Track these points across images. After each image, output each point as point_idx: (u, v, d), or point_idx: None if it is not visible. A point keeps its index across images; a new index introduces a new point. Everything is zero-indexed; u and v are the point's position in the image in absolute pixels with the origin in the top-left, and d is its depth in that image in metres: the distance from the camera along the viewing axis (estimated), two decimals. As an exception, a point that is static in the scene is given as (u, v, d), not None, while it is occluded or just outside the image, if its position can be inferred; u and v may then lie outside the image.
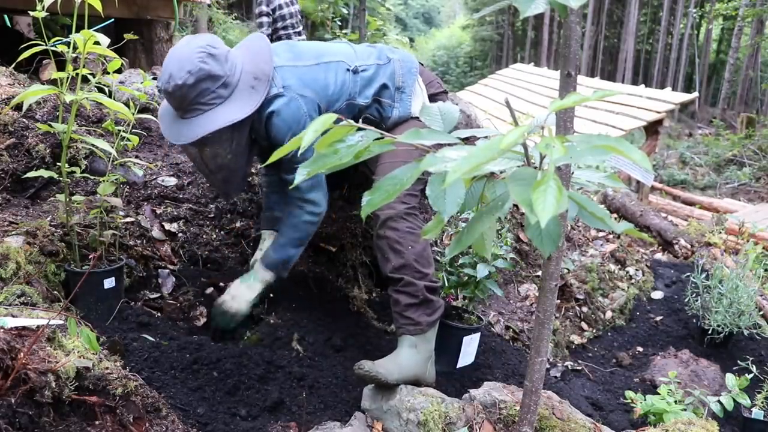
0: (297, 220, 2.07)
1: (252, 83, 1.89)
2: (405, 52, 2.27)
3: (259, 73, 1.91)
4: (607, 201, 5.02)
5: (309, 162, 0.99)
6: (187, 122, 1.86)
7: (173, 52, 1.83)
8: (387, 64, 2.15)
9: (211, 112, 1.84)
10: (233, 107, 1.86)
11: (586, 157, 0.88)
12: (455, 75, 37.97)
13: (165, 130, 1.92)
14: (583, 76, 14.25)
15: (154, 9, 4.72)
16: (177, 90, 1.80)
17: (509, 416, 1.72)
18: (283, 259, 2.10)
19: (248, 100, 1.88)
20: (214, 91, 1.83)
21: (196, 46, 1.82)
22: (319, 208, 2.08)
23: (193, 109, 1.84)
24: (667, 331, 3.29)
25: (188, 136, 1.85)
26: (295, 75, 1.97)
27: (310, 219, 2.07)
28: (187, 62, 1.79)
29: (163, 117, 1.94)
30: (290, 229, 2.08)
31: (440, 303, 2.01)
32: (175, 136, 1.88)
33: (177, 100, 1.83)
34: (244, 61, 1.93)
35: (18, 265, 1.77)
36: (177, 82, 1.78)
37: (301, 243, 2.11)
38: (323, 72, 2.02)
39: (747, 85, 25.41)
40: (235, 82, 1.87)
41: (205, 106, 1.84)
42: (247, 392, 1.78)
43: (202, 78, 1.80)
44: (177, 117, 1.89)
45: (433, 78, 2.30)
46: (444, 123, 1.13)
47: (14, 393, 1.06)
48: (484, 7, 1.50)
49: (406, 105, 2.15)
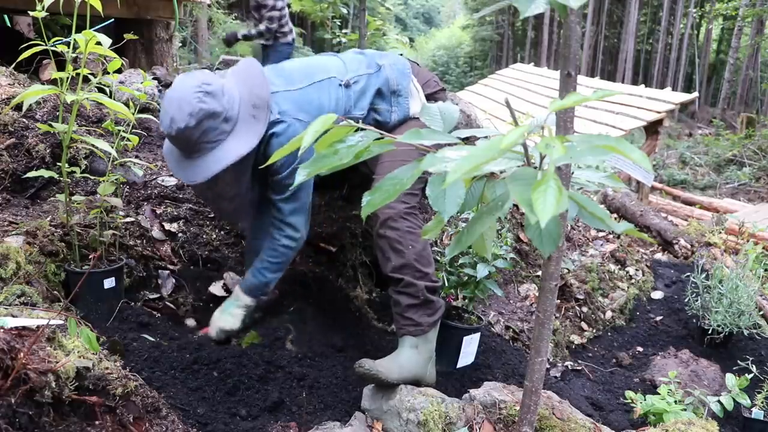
0: (275, 243, 2.07)
1: (252, 112, 1.90)
2: (395, 56, 2.26)
3: (257, 101, 1.91)
4: (607, 201, 5.02)
5: (309, 162, 0.99)
6: (196, 161, 1.86)
7: (170, 96, 1.83)
8: (378, 72, 2.14)
9: (218, 149, 1.85)
10: (238, 140, 1.86)
11: (586, 157, 0.87)
12: (455, 75, 37.96)
13: (175, 171, 1.94)
14: (583, 76, 14.25)
15: (154, 9, 4.72)
16: (180, 133, 1.80)
17: (509, 416, 1.72)
18: (262, 282, 2.10)
19: (252, 130, 1.88)
20: (217, 127, 1.84)
21: (192, 87, 1.81)
22: (298, 234, 2.07)
23: (199, 149, 1.85)
24: (667, 331, 3.29)
25: (200, 175, 1.85)
26: (290, 100, 1.97)
27: (288, 243, 2.07)
28: (186, 104, 1.79)
29: (169, 156, 1.96)
30: (268, 253, 2.09)
31: (441, 303, 2.01)
32: (187, 176, 1.89)
33: (182, 142, 1.84)
34: (240, 90, 1.92)
35: (18, 265, 1.77)
36: (179, 126, 1.79)
37: (278, 267, 2.10)
38: (316, 93, 2.02)
39: (747, 85, 25.40)
40: (235, 115, 1.88)
41: (210, 143, 1.85)
42: (247, 392, 1.78)
43: (203, 117, 1.80)
44: (183, 157, 1.90)
45: (429, 77, 2.30)
46: (444, 123, 1.13)
47: (14, 393, 1.06)
48: (484, 7, 1.50)
49: (404, 108, 2.16)
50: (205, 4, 9.22)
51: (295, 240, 2.07)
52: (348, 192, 2.64)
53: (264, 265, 2.09)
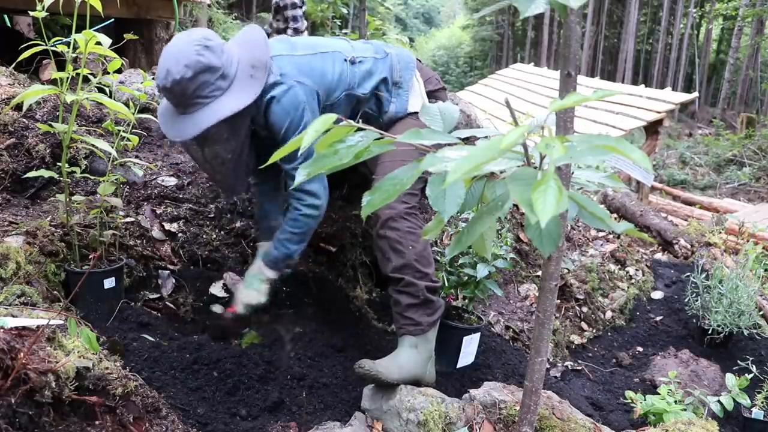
0: (296, 213, 2.02)
1: (250, 72, 1.88)
2: (401, 48, 2.27)
3: (256, 62, 1.89)
4: (607, 201, 5.02)
5: (309, 163, 0.99)
6: (189, 117, 1.83)
7: (168, 49, 1.81)
8: (384, 58, 2.15)
9: (212, 104, 1.82)
10: (234, 97, 1.84)
11: (586, 157, 0.87)
12: (455, 75, 37.96)
13: (166, 129, 1.89)
14: (583, 76, 14.25)
15: (155, 9, 4.72)
16: (176, 85, 1.77)
17: (509, 416, 1.72)
18: (285, 255, 2.06)
19: (248, 88, 1.86)
20: (213, 82, 1.81)
21: (192, 40, 1.80)
22: (318, 200, 2.02)
23: (193, 103, 1.82)
24: (667, 331, 3.28)
25: (191, 131, 1.82)
26: (292, 63, 1.96)
27: (309, 212, 2.02)
28: (183, 56, 1.77)
29: (163, 116, 1.92)
30: (289, 223, 2.04)
31: (441, 303, 2.01)
32: (178, 133, 1.86)
33: (176, 95, 1.81)
34: (240, 51, 1.92)
35: (18, 265, 1.77)
36: (175, 77, 1.76)
37: (301, 238, 2.05)
38: (320, 60, 2.02)
39: (747, 85, 25.40)
40: (233, 73, 1.86)
41: (205, 99, 1.82)
42: (247, 392, 1.78)
43: (200, 70, 1.78)
44: (177, 113, 1.86)
45: (431, 75, 2.30)
46: (444, 123, 1.13)
47: (14, 393, 1.06)
48: (484, 7, 1.50)
49: (403, 101, 2.15)
50: (205, 4, 9.22)
51: (316, 207, 2.02)
52: (348, 192, 2.64)
53: (286, 236, 2.04)
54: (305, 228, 2.04)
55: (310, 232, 2.07)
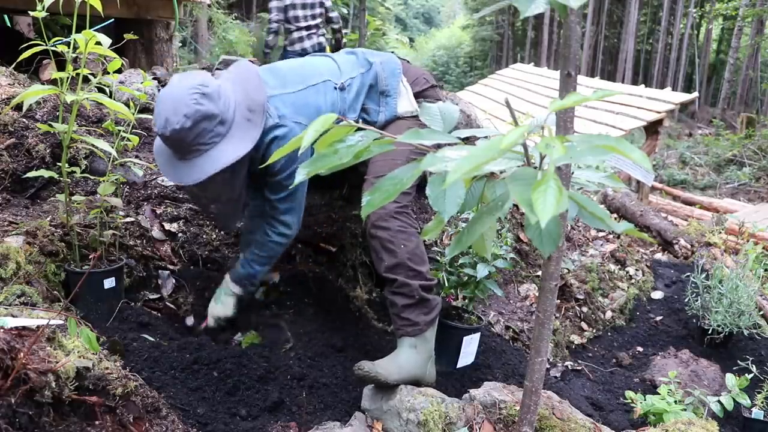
0: (266, 239, 2.09)
1: (248, 116, 1.88)
2: (386, 54, 2.26)
3: (253, 105, 1.89)
4: (607, 201, 5.02)
5: (309, 162, 0.99)
6: (188, 163, 1.84)
7: (165, 96, 1.80)
8: (369, 71, 2.15)
9: (212, 151, 1.83)
10: (233, 143, 1.85)
11: (586, 157, 0.87)
12: (455, 75, 37.97)
13: (165, 172, 1.91)
14: (583, 76, 14.25)
15: (154, 9, 4.72)
16: (175, 134, 1.78)
17: (509, 416, 1.72)
18: (249, 274, 2.13)
19: (247, 133, 1.87)
20: (212, 129, 1.82)
21: (189, 87, 1.79)
22: (289, 231, 2.09)
23: (192, 150, 1.83)
24: (667, 331, 3.29)
25: (193, 178, 1.83)
26: (287, 103, 1.97)
27: (278, 240, 2.09)
28: (181, 105, 1.76)
29: (161, 156, 1.92)
30: (258, 246, 2.11)
31: (437, 301, 2.00)
32: (179, 178, 1.86)
33: (176, 144, 1.82)
34: (235, 92, 1.91)
35: (18, 265, 1.77)
36: (175, 127, 1.76)
37: (266, 261, 2.13)
38: (313, 96, 2.03)
39: (747, 85, 25.40)
40: (231, 118, 1.86)
41: (204, 145, 1.82)
42: (247, 392, 1.77)
43: (198, 120, 1.77)
44: (176, 158, 1.87)
45: (419, 74, 2.29)
46: (444, 123, 1.13)
47: (14, 393, 1.06)
48: (484, 7, 1.50)
49: (391, 108, 2.17)
50: (205, 4, 9.22)
51: (286, 236, 2.10)
52: (348, 192, 2.64)
53: (253, 258, 2.11)
54: (271, 253, 2.12)
55: (275, 257, 2.15)
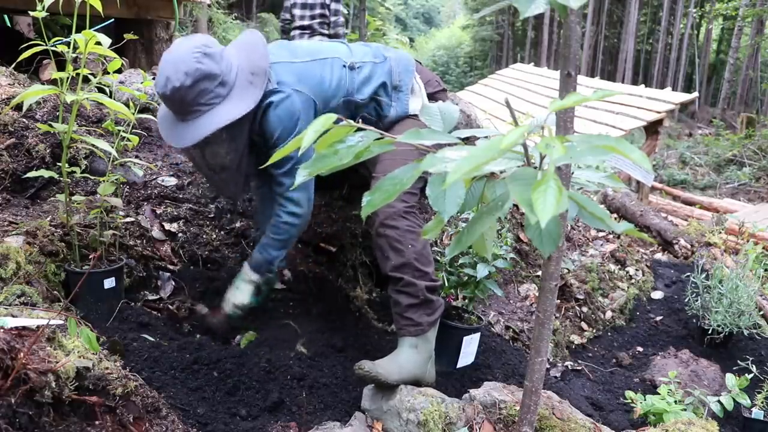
0: (277, 220, 2.05)
1: (249, 79, 1.88)
2: (401, 51, 2.26)
3: (256, 69, 1.90)
4: (607, 201, 5.02)
5: (309, 163, 0.99)
6: (189, 124, 1.84)
7: (167, 56, 1.81)
8: (383, 62, 2.14)
9: (212, 112, 1.83)
10: (233, 104, 1.85)
11: (586, 157, 0.87)
12: (455, 75, 37.97)
13: (166, 135, 1.90)
14: (583, 76, 14.25)
15: (154, 9, 4.72)
16: (175, 92, 1.78)
17: (509, 416, 1.72)
18: (266, 259, 2.08)
19: (247, 95, 1.86)
20: (213, 90, 1.82)
21: (191, 47, 1.80)
22: (300, 209, 2.03)
23: (193, 111, 1.83)
24: (667, 331, 3.29)
25: (191, 138, 1.83)
26: (290, 71, 1.96)
27: (290, 220, 2.04)
28: (182, 64, 1.77)
29: (163, 121, 1.92)
30: (271, 229, 2.07)
31: (440, 302, 2.01)
32: (178, 140, 1.87)
33: (176, 103, 1.82)
34: (239, 57, 1.92)
35: (18, 265, 1.77)
36: (175, 85, 1.77)
37: (282, 245, 2.08)
38: (319, 68, 2.02)
39: (747, 85, 25.40)
40: (232, 80, 1.86)
41: (204, 106, 1.83)
42: (247, 392, 1.77)
43: (199, 78, 1.78)
44: (177, 120, 1.87)
45: (431, 77, 2.30)
46: (444, 123, 1.13)
47: (14, 393, 1.06)
48: (484, 7, 1.50)
49: (403, 104, 2.15)
50: (205, 4, 9.22)
51: (298, 216, 2.04)
52: (348, 192, 2.64)
53: (268, 242, 2.07)
54: (285, 235, 2.06)
55: (291, 240, 2.09)
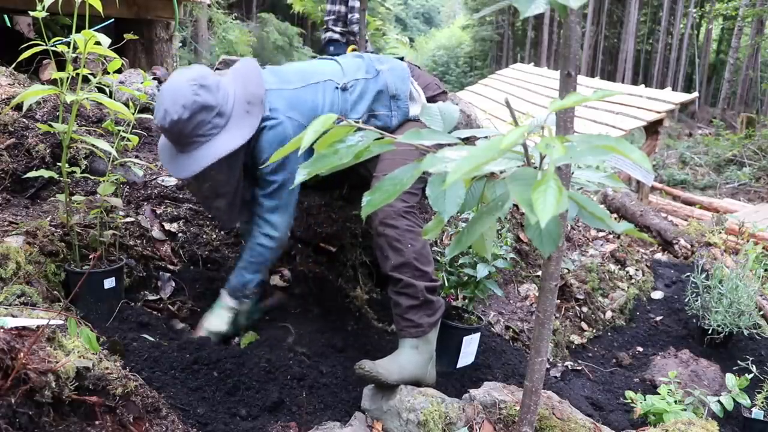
0: (253, 242, 2.04)
1: (246, 108, 1.90)
2: (394, 61, 2.25)
3: (252, 98, 1.91)
4: (607, 201, 5.02)
5: (309, 162, 0.99)
6: (188, 155, 1.87)
7: (165, 89, 1.84)
8: (376, 77, 2.13)
9: (210, 143, 1.86)
10: (231, 135, 1.87)
11: (586, 157, 0.87)
12: (455, 75, 37.95)
13: (167, 165, 1.94)
14: (583, 76, 14.24)
15: (154, 9, 4.72)
16: (174, 125, 1.81)
17: (509, 416, 1.72)
18: (241, 283, 2.06)
19: (244, 125, 1.89)
20: (210, 121, 1.84)
21: (187, 79, 1.83)
22: (276, 233, 2.02)
23: (191, 142, 1.86)
24: (667, 331, 3.28)
25: (191, 169, 1.86)
26: (282, 98, 1.97)
27: (264, 242, 2.02)
28: (180, 97, 1.80)
29: (163, 152, 1.96)
30: (247, 251, 2.06)
31: (441, 303, 2.01)
32: (178, 171, 1.90)
33: (175, 135, 1.85)
34: (235, 87, 1.93)
35: (18, 265, 1.77)
36: (173, 118, 1.80)
37: (256, 268, 2.05)
38: (311, 94, 2.02)
39: (747, 85, 25.39)
40: (229, 110, 1.88)
41: (203, 137, 1.85)
42: (247, 392, 1.77)
43: (196, 110, 1.81)
44: (176, 151, 1.90)
45: (430, 80, 2.29)
46: (444, 123, 1.13)
47: (14, 393, 1.06)
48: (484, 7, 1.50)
49: (403, 111, 2.16)
50: (205, 4, 9.23)
51: (273, 239, 2.02)
52: (348, 192, 2.64)
53: (243, 265, 2.06)
54: (259, 258, 2.04)
55: (264, 265, 2.07)
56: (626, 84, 20.29)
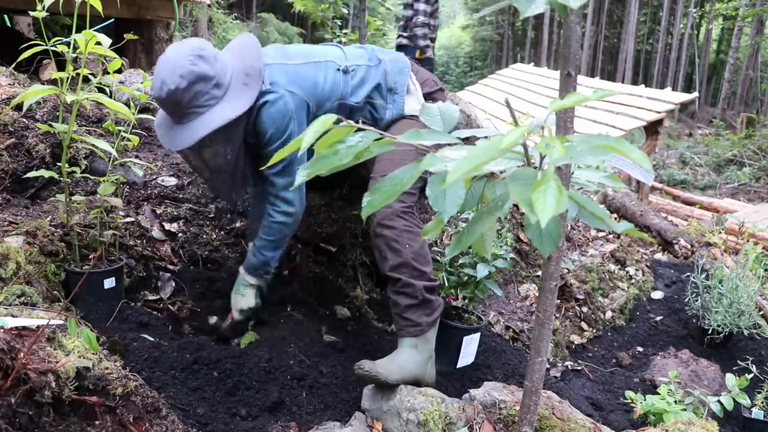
0: (269, 221, 2.05)
1: (244, 80, 1.89)
2: (396, 53, 2.26)
3: (250, 70, 1.91)
4: (607, 201, 5.02)
5: (309, 163, 0.99)
6: (185, 126, 1.86)
7: (163, 60, 1.83)
8: (378, 66, 2.14)
9: (208, 113, 1.84)
10: (228, 105, 1.86)
11: (586, 157, 0.87)
12: (455, 75, 37.93)
13: (163, 139, 1.92)
14: (583, 76, 14.23)
15: (154, 9, 4.72)
16: (171, 95, 1.80)
17: (509, 416, 1.72)
18: (261, 261, 2.08)
19: (242, 96, 1.88)
20: (208, 92, 1.84)
21: (185, 50, 1.82)
22: (292, 208, 2.03)
23: (189, 113, 1.84)
24: (667, 331, 3.29)
25: (188, 140, 1.84)
26: (283, 72, 1.97)
27: (282, 219, 2.03)
28: (177, 67, 1.79)
29: (160, 126, 1.94)
30: (264, 230, 2.07)
31: (439, 302, 2.01)
32: (175, 142, 1.88)
33: (172, 105, 1.84)
34: (233, 59, 1.93)
35: (18, 265, 1.77)
36: (170, 87, 1.79)
37: (275, 245, 2.08)
38: (312, 70, 2.02)
39: (747, 85, 25.39)
40: (227, 81, 1.88)
41: (200, 108, 1.84)
42: (247, 392, 1.78)
43: (194, 80, 1.80)
44: (173, 123, 1.89)
45: (428, 76, 2.29)
46: (444, 123, 1.13)
47: (14, 393, 1.06)
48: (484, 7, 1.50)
49: (398, 105, 2.16)
50: (205, 4, 9.23)
51: (290, 215, 2.04)
52: (348, 192, 2.64)
53: (261, 244, 2.08)
54: (278, 235, 2.06)
55: (284, 240, 2.09)
56: (626, 84, 20.28)
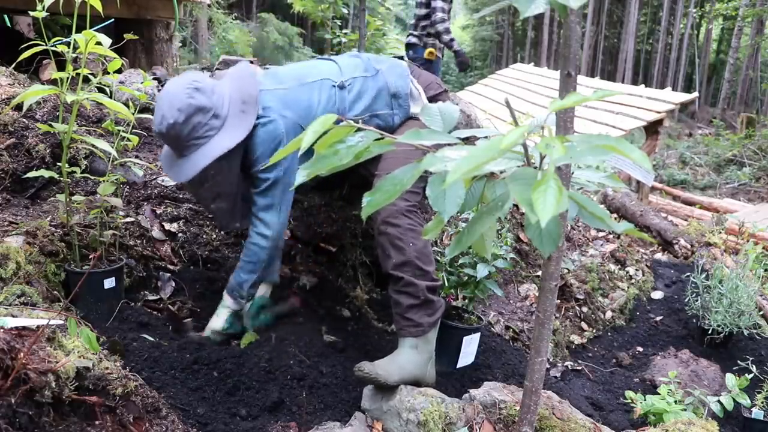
0: (248, 241, 2.05)
1: (241, 108, 1.92)
2: (392, 60, 2.25)
3: (247, 97, 1.93)
4: (607, 201, 5.02)
5: (309, 163, 0.99)
6: (186, 159, 1.89)
7: (161, 95, 1.87)
8: (375, 76, 2.13)
9: (207, 144, 1.87)
10: (227, 135, 1.88)
11: (586, 157, 0.87)
12: (455, 75, 37.91)
13: (168, 173, 1.96)
14: (583, 76, 14.22)
15: (154, 9, 4.72)
16: (170, 129, 1.83)
17: (509, 416, 1.72)
18: (237, 282, 2.06)
19: (240, 125, 1.90)
20: (206, 123, 1.86)
21: (182, 84, 1.85)
22: (268, 231, 2.01)
23: (189, 146, 1.87)
24: (667, 331, 3.28)
25: (190, 172, 1.87)
26: (276, 97, 1.98)
27: (257, 241, 2.02)
28: (175, 100, 1.83)
29: (164, 160, 1.98)
30: (244, 251, 2.07)
31: (441, 302, 2.00)
32: (177, 176, 1.91)
33: (173, 139, 1.87)
34: (231, 89, 1.95)
35: (18, 265, 1.77)
36: (169, 122, 1.82)
37: (251, 268, 2.04)
38: (306, 93, 2.03)
39: (747, 85, 25.39)
40: (225, 112, 1.90)
41: (200, 139, 1.87)
42: (247, 392, 1.77)
43: (192, 113, 1.83)
44: (176, 157, 1.92)
45: (431, 80, 2.29)
46: (444, 123, 1.13)
47: (14, 393, 1.06)
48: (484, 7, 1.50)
49: (405, 109, 2.16)
50: (205, 4, 9.23)
51: (265, 238, 2.01)
52: (348, 192, 2.64)
53: (240, 265, 2.07)
54: (254, 258, 2.04)
55: (260, 264, 2.05)
56: (626, 84, 20.28)
